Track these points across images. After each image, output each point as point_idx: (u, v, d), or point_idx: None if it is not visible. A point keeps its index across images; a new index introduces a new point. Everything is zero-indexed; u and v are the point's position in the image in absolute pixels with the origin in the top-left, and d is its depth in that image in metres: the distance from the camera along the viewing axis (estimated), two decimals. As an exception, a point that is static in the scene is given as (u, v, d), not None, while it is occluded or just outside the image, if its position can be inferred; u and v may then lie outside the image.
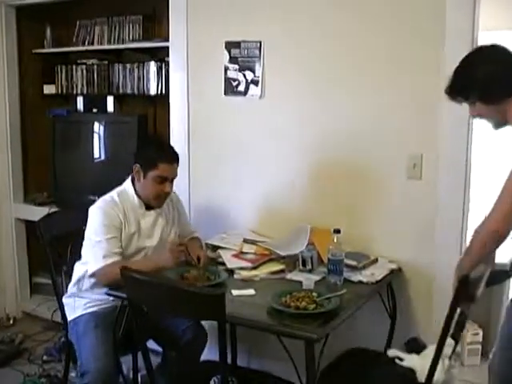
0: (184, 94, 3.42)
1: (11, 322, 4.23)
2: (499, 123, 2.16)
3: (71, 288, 2.89)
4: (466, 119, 2.63)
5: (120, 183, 2.85)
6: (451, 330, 1.99)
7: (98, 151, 3.84)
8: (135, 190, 2.80)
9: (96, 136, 3.86)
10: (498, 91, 2.05)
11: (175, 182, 3.45)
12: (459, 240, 2.77)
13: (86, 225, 2.74)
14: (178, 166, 2.79)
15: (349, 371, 2.47)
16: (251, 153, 3.28)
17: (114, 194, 2.79)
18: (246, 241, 3.11)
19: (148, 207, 2.82)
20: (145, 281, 2.04)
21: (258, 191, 3.30)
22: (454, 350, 2.06)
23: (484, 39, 2.55)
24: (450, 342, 2.02)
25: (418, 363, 2.14)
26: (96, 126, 3.88)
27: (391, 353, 2.24)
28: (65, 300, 2.91)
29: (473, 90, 2.09)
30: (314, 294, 2.40)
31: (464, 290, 1.97)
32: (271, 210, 3.27)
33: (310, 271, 2.78)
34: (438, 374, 2.02)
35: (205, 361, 2.87)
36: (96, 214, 2.71)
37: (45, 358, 3.68)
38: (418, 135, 2.81)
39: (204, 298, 1.95)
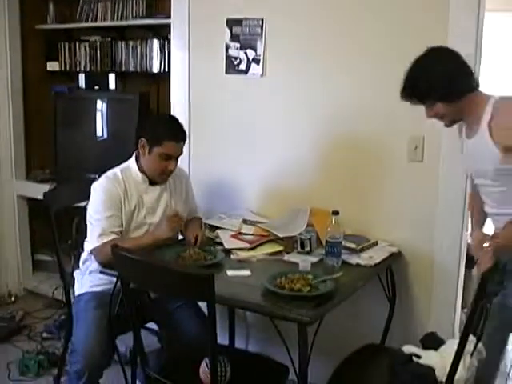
0: (185, 72, 3.38)
1: (12, 299, 4.25)
2: (454, 121, 2.25)
3: (81, 266, 2.86)
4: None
5: (122, 161, 2.83)
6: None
7: (99, 129, 3.81)
8: (139, 165, 2.77)
9: (97, 113, 3.83)
10: (460, 88, 2.13)
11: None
12: (460, 224, 2.72)
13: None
14: (184, 144, 2.75)
15: (365, 370, 2.41)
16: (252, 132, 3.24)
17: (117, 170, 2.77)
18: (244, 221, 3.08)
19: (152, 182, 2.80)
20: (134, 260, 2.01)
21: (258, 171, 3.26)
22: (475, 347, 2.00)
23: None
24: (471, 338, 1.95)
25: (436, 360, 2.04)
26: (97, 103, 3.85)
27: (407, 349, 2.14)
28: (75, 275, 2.89)
29: (434, 91, 2.16)
30: (310, 276, 2.37)
31: (493, 277, 1.91)
32: (271, 191, 3.24)
33: (308, 253, 2.74)
34: (460, 372, 1.94)
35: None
36: (97, 190, 2.69)
37: (44, 335, 3.69)
38: (419, 116, 2.74)
39: (193, 279, 1.92)
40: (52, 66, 4.30)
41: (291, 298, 2.19)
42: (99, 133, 3.83)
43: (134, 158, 2.81)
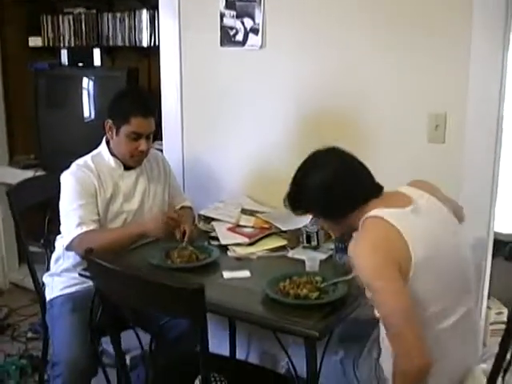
0: (176, 44, 3.02)
1: (-3, 293, 3.96)
2: (348, 234, 1.92)
3: (52, 266, 2.59)
4: (498, 72, 2.25)
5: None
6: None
7: (84, 109, 3.48)
8: (110, 150, 2.50)
9: (82, 92, 3.49)
10: (341, 207, 1.86)
11: (168, 143, 3.16)
12: (488, 211, 2.40)
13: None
14: (154, 120, 2.48)
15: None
16: (250, 110, 2.90)
17: (87, 157, 2.50)
18: (243, 211, 2.75)
19: (127, 167, 2.51)
20: (109, 269, 1.69)
21: (257, 152, 2.92)
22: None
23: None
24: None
25: None
26: (82, 81, 3.50)
27: None
28: (45, 279, 2.61)
29: (313, 208, 1.94)
30: (318, 278, 2.06)
31: None
32: (272, 174, 2.90)
33: (316, 248, 2.43)
34: None
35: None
36: (68, 180, 2.42)
37: (29, 335, 3.42)
38: (441, 91, 2.40)
39: (178, 293, 1.60)
40: (34, 42, 3.94)
41: (297, 307, 1.88)
42: (84, 113, 3.50)
43: (104, 143, 2.53)
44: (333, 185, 1.84)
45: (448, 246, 1.79)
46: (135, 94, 2.58)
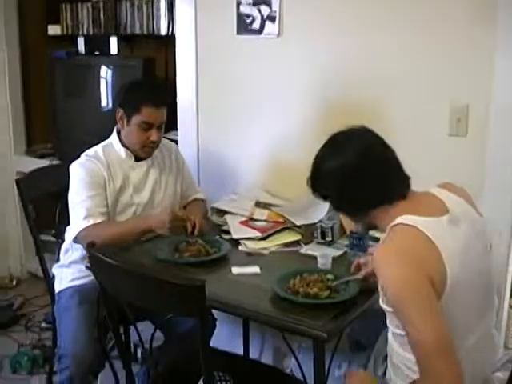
0: (192, 33, 2.95)
1: (14, 282, 3.95)
2: (370, 227, 1.81)
3: (61, 257, 2.55)
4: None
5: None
6: None
7: (99, 98, 3.42)
8: (121, 140, 2.44)
9: (98, 81, 3.44)
10: (363, 203, 1.67)
11: (183, 134, 3.09)
12: (510, 211, 2.29)
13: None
14: (166, 110, 2.41)
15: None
16: (266, 100, 2.81)
17: (98, 147, 2.45)
18: (258, 204, 2.68)
19: (138, 158, 2.45)
20: (109, 264, 1.63)
21: (273, 144, 2.84)
22: None
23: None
24: None
25: None
26: (98, 70, 3.45)
27: None
28: (54, 270, 2.57)
29: (331, 199, 1.75)
30: (330, 276, 1.97)
31: None
32: (288, 166, 2.81)
33: (330, 244, 2.35)
34: None
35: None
36: (77, 170, 2.37)
37: (43, 325, 3.39)
38: (463, 82, 2.29)
39: (179, 290, 1.53)
40: (54, 30, 3.91)
41: (306, 306, 1.80)
42: (100, 103, 3.44)
43: (115, 132, 2.48)
44: (350, 175, 1.63)
45: (482, 261, 1.62)
46: (147, 83, 2.55)
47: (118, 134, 2.46)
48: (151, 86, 2.49)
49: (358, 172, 1.63)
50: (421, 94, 2.40)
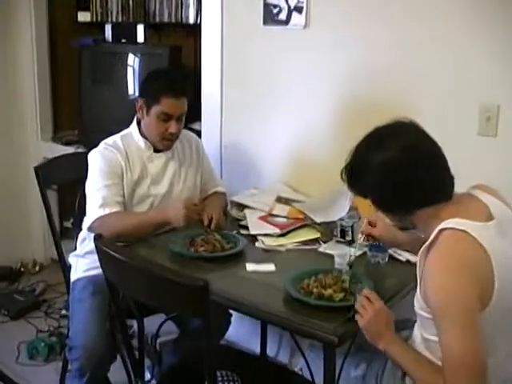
0: (218, 22, 2.89)
1: (37, 268, 3.96)
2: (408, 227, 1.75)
3: (78, 247, 2.54)
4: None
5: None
6: None
7: (125, 86, 3.39)
8: (141, 130, 2.41)
9: (123, 69, 3.40)
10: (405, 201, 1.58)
11: (207, 126, 3.04)
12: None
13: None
14: (186, 101, 2.36)
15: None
16: (292, 92, 2.75)
17: (117, 136, 2.42)
18: (279, 199, 2.62)
19: (157, 150, 2.42)
20: (118, 259, 1.59)
21: (299, 138, 2.78)
22: None
23: None
24: None
25: None
26: (124, 57, 3.41)
27: None
28: (70, 259, 2.56)
29: (371, 196, 1.63)
30: (346, 276, 1.90)
31: None
32: (312, 161, 2.75)
33: (350, 243, 2.27)
34: None
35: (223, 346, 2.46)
36: (95, 158, 2.35)
37: (63, 312, 3.38)
38: (494, 79, 2.19)
39: (182, 290, 1.48)
40: (83, 17, 3.88)
41: (319, 308, 1.73)
42: (126, 91, 3.40)
43: (135, 122, 2.45)
44: (398, 171, 1.53)
45: None
46: (167, 73, 2.49)
47: (138, 124, 2.42)
48: (172, 75, 2.43)
49: (406, 168, 1.54)
50: (450, 89, 2.30)
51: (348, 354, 1.83)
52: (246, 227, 2.40)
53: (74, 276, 2.45)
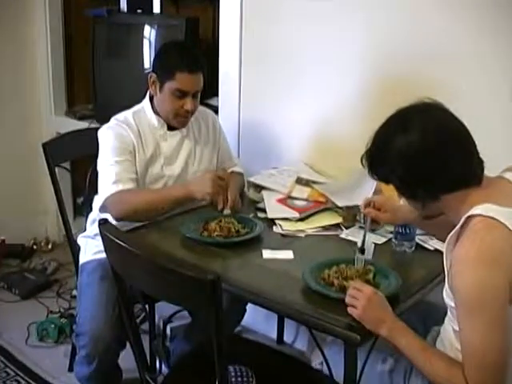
0: (237, -10, 2.73)
1: (50, 246, 3.86)
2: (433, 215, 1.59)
3: (88, 227, 2.43)
4: None
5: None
6: None
7: (139, 59, 3.24)
8: (153, 107, 2.27)
9: (138, 42, 3.25)
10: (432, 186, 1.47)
11: (224, 103, 2.90)
12: None
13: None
14: (202, 77, 2.21)
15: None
16: (315, 69, 2.58)
17: (128, 112, 2.29)
18: (299, 180, 2.48)
19: (171, 127, 2.28)
20: (122, 247, 1.46)
21: (320, 116, 2.62)
22: None
23: None
24: None
25: None
26: (139, 29, 3.25)
27: None
28: (79, 240, 2.45)
29: (392, 179, 1.52)
30: (371, 267, 1.77)
31: None
32: (334, 141, 2.60)
33: (374, 230, 2.13)
34: None
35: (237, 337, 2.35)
36: (105, 135, 2.22)
37: (74, 292, 3.28)
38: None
39: (190, 283, 1.35)
40: (99, -14, 3.75)
41: (341, 302, 1.60)
42: (140, 64, 3.25)
43: (147, 98, 2.31)
44: (424, 154, 1.44)
45: None
46: (183, 47, 2.32)
47: (151, 99, 2.29)
48: (187, 49, 2.29)
49: (431, 151, 1.44)
50: (480, 56, 2.13)
51: (373, 347, 1.69)
52: (263, 210, 2.27)
53: (82, 258, 2.35)
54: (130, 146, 2.19)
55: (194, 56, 2.21)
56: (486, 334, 1.33)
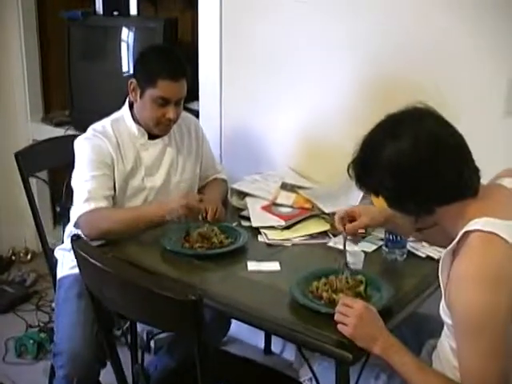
0: (215, -9, 2.64)
1: (29, 256, 3.74)
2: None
3: (65, 240, 2.32)
4: None
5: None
6: None
7: (116, 63, 3.14)
8: (133, 114, 2.16)
9: (115, 45, 3.15)
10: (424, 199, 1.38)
11: (205, 106, 2.80)
12: None
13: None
14: (185, 83, 2.10)
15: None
16: (298, 70, 2.49)
17: (106, 121, 2.18)
18: (284, 186, 2.39)
19: (152, 136, 2.17)
20: (95, 266, 1.37)
21: (305, 120, 2.53)
22: None
23: None
24: None
25: None
26: (115, 32, 3.15)
27: None
28: (56, 253, 2.34)
29: (381, 192, 1.42)
30: (361, 277, 1.68)
31: None
32: (320, 145, 2.51)
33: (363, 237, 2.05)
34: None
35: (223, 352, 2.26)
36: (82, 146, 2.11)
37: (54, 305, 3.18)
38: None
39: (169, 304, 1.25)
40: (75, -13, 3.64)
41: (330, 316, 1.51)
42: (118, 68, 3.15)
43: (126, 105, 2.20)
44: (414, 164, 1.34)
45: None
46: (165, 52, 2.19)
47: (130, 106, 2.18)
48: (169, 54, 2.16)
49: (423, 161, 1.34)
50: (474, 66, 2.06)
51: (366, 363, 1.60)
52: (247, 218, 2.18)
53: (60, 272, 2.24)
54: (107, 159, 2.08)
55: (176, 62, 2.10)
56: (485, 359, 1.25)
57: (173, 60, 2.11)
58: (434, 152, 1.33)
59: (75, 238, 1.51)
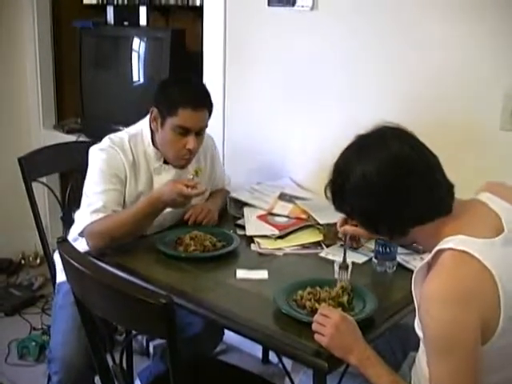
0: (221, 3, 2.68)
1: (38, 261, 3.81)
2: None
3: None
4: None
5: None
6: None
7: (127, 72, 3.20)
8: (153, 137, 2.13)
9: (125, 54, 3.21)
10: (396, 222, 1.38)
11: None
12: None
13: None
14: (208, 114, 2.10)
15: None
16: (300, 79, 2.53)
17: (124, 134, 2.14)
18: (282, 196, 2.41)
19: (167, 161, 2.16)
20: (78, 270, 1.39)
21: (306, 129, 2.56)
22: None
23: None
24: None
25: None
26: (125, 42, 3.22)
27: None
28: (55, 256, 2.37)
29: (356, 216, 1.45)
30: (345, 285, 1.69)
31: None
32: (321, 156, 2.50)
33: (356, 248, 2.06)
34: None
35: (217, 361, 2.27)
36: (96, 157, 2.08)
37: (52, 309, 3.23)
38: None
39: (141, 306, 1.28)
40: (88, -1, 3.71)
41: (311, 325, 1.53)
42: (128, 77, 3.21)
43: (147, 121, 2.15)
44: (381, 186, 1.34)
45: None
46: (187, 82, 2.16)
47: (151, 125, 2.14)
48: (191, 84, 2.15)
49: (390, 182, 1.34)
50: (469, 82, 2.07)
51: (344, 373, 1.62)
52: (243, 227, 2.21)
53: (59, 277, 2.27)
54: (121, 174, 2.06)
55: (198, 92, 2.10)
56: (456, 378, 1.24)
57: (195, 90, 2.10)
58: (399, 175, 1.33)
59: (61, 240, 1.54)
